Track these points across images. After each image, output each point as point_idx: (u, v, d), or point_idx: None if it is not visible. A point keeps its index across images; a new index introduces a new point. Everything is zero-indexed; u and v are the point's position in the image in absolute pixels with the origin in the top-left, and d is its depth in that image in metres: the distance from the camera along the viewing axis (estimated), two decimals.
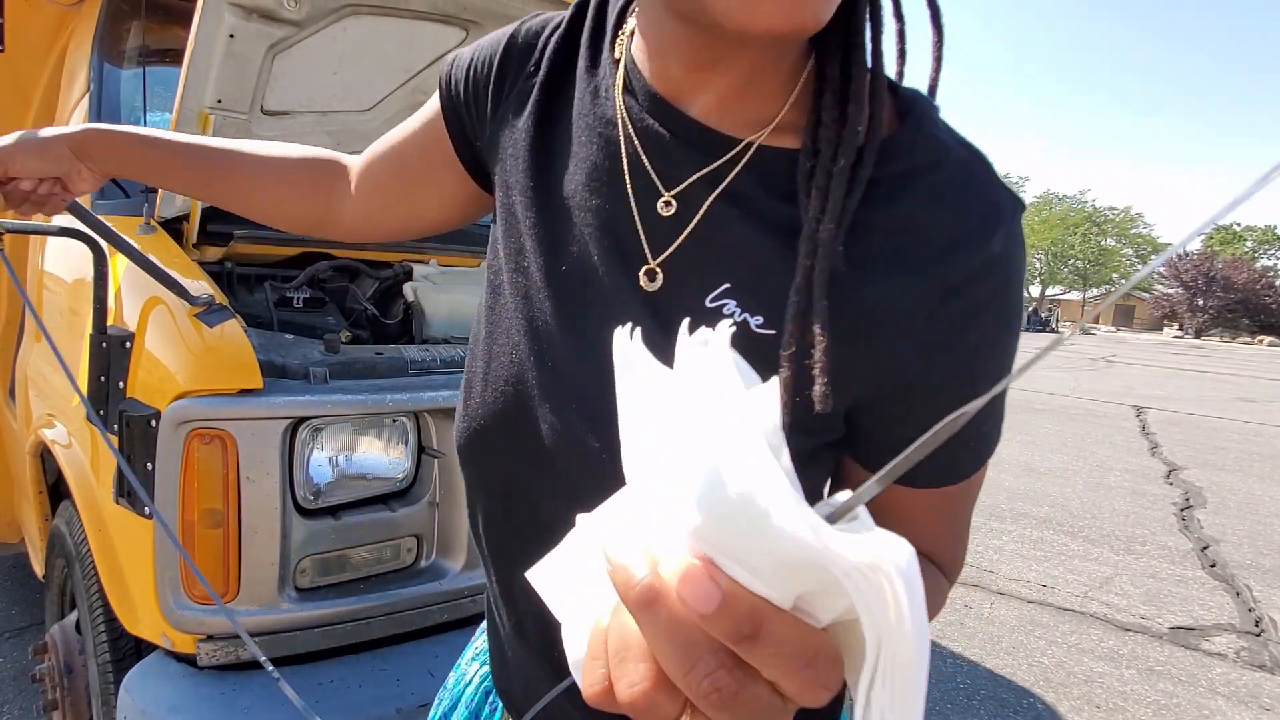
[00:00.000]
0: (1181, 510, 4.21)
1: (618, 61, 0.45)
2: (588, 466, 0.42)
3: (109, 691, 1.14)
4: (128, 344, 1.11)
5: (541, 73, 0.48)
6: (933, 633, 1.89)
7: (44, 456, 1.53)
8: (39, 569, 1.65)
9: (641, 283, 0.42)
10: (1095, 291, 46.63)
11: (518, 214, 0.47)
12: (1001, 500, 4.18)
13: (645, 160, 0.42)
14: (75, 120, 1.66)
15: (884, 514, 0.45)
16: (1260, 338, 34.55)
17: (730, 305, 0.40)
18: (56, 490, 1.56)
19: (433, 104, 0.55)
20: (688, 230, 0.41)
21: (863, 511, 0.22)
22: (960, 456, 0.43)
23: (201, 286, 1.14)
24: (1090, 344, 23.09)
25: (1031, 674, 2.30)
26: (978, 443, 0.43)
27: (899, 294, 0.38)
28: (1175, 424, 7.25)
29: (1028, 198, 47.94)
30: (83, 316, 1.24)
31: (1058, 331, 33.49)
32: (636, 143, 0.43)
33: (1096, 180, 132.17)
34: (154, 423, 1.01)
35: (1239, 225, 46.07)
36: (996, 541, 3.48)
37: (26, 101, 1.97)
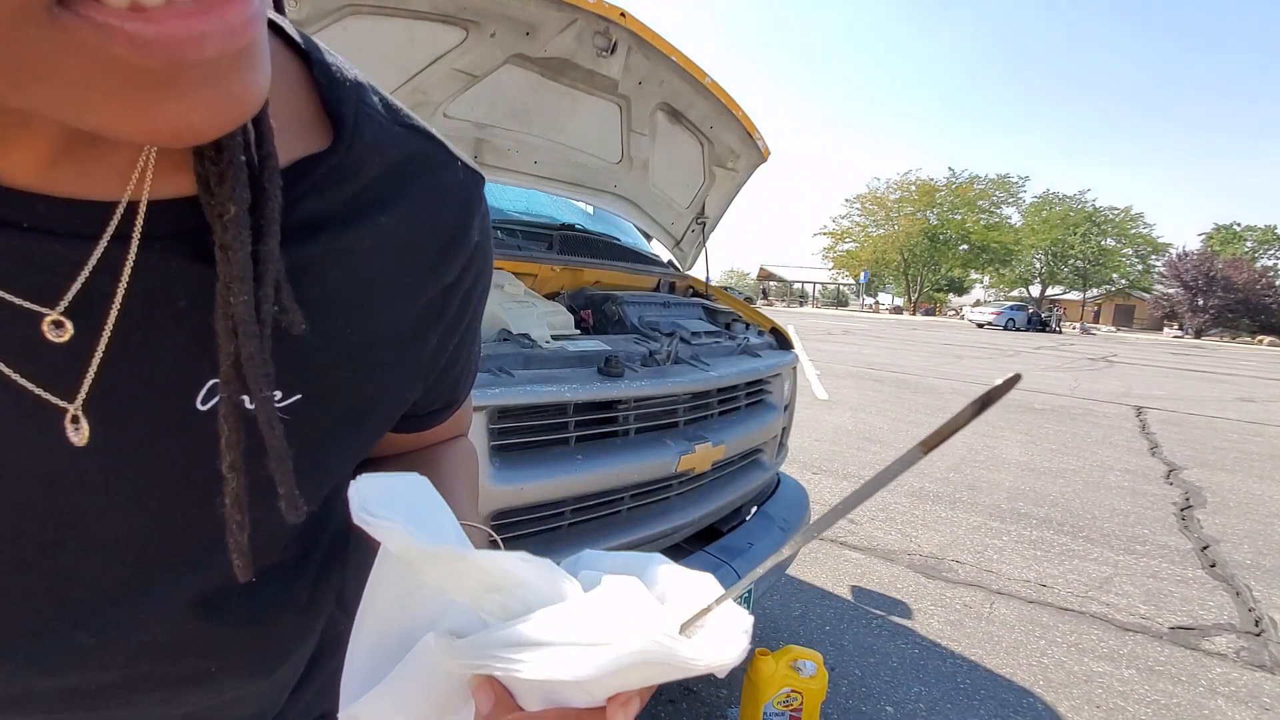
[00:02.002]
0: (1181, 510, 4.21)
1: None
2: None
3: None
4: None
5: None
6: (933, 632, 1.89)
7: None
8: None
9: (69, 437, 0.30)
10: (1095, 291, 46.61)
11: None
12: (1001, 500, 4.18)
13: None
14: None
15: (421, 436, 0.50)
16: (1260, 338, 34.51)
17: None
18: None
19: None
20: (100, 350, 0.29)
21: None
22: (470, 385, 0.51)
23: None
24: (1090, 344, 23.08)
25: (1031, 674, 2.29)
26: (469, 376, 0.51)
27: (410, 312, 0.39)
28: (1175, 424, 7.25)
29: (1028, 198, 48.65)
30: None
31: (1058, 332, 33.49)
32: None
33: (1096, 180, 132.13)
34: None
35: (1239, 225, 46.06)
36: (996, 541, 3.48)
37: None
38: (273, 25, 0.36)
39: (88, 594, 0.34)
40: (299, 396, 0.34)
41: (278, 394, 0.34)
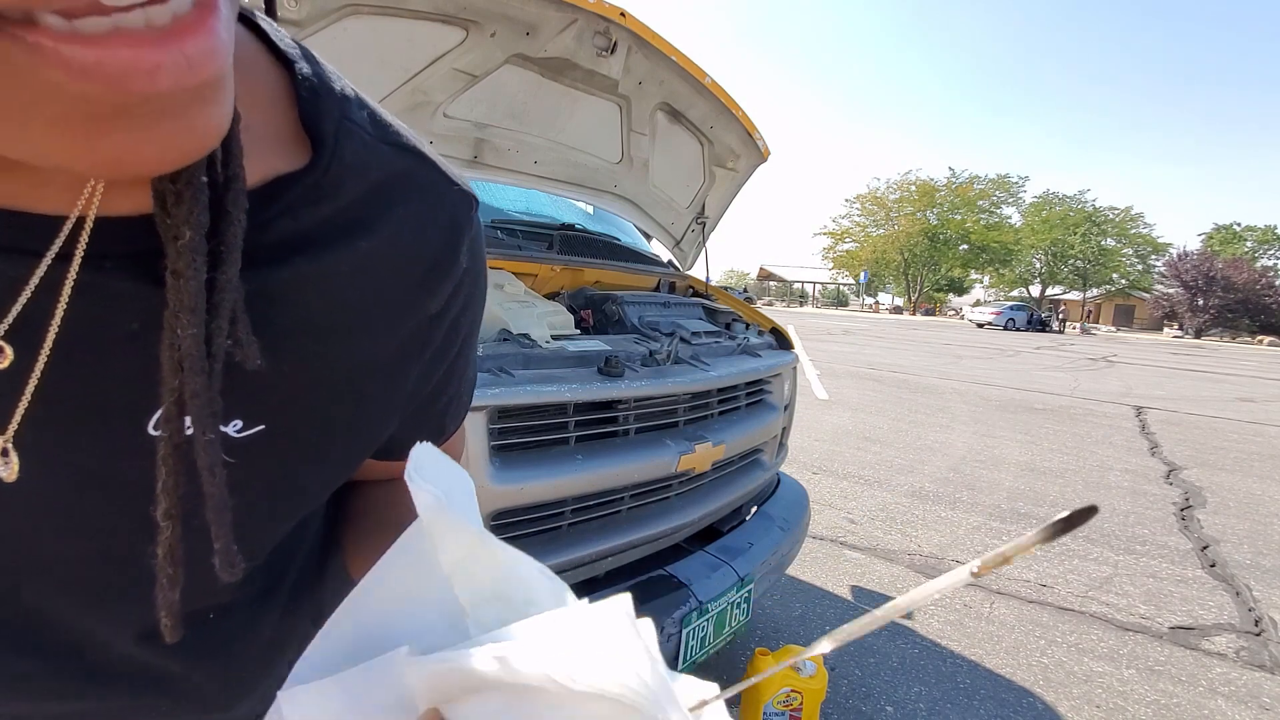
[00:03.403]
0: (1181, 510, 4.21)
1: None
2: None
3: None
4: None
5: None
6: (933, 632, 1.88)
7: None
8: None
9: None
10: (1095, 291, 46.60)
11: None
12: (1001, 500, 4.18)
13: None
14: None
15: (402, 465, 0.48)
16: (1260, 338, 34.49)
17: (188, 422, 0.30)
18: None
19: None
20: (35, 378, 0.27)
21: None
22: (461, 415, 0.48)
23: None
24: (1090, 344, 23.08)
25: (1031, 674, 2.29)
26: (469, 396, 0.48)
27: (390, 340, 0.36)
28: (1175, 424, 7.25)
29: (1028, 198, 48.63)
30: None
31: (1060, 332, 33.49)
32: None
33: (1096, 180, 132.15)
34: None
35: (1239, 225, 46.05)
36: (996, 541, 3.47)
37: None
38: (256, 28, 0.34)
39: (30, 622, 0.32)
40: (262, 428, 0.32)
41: (238, 424, 0.32)
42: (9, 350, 0.27)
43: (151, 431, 0.30)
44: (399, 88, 1.73)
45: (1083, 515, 0.20)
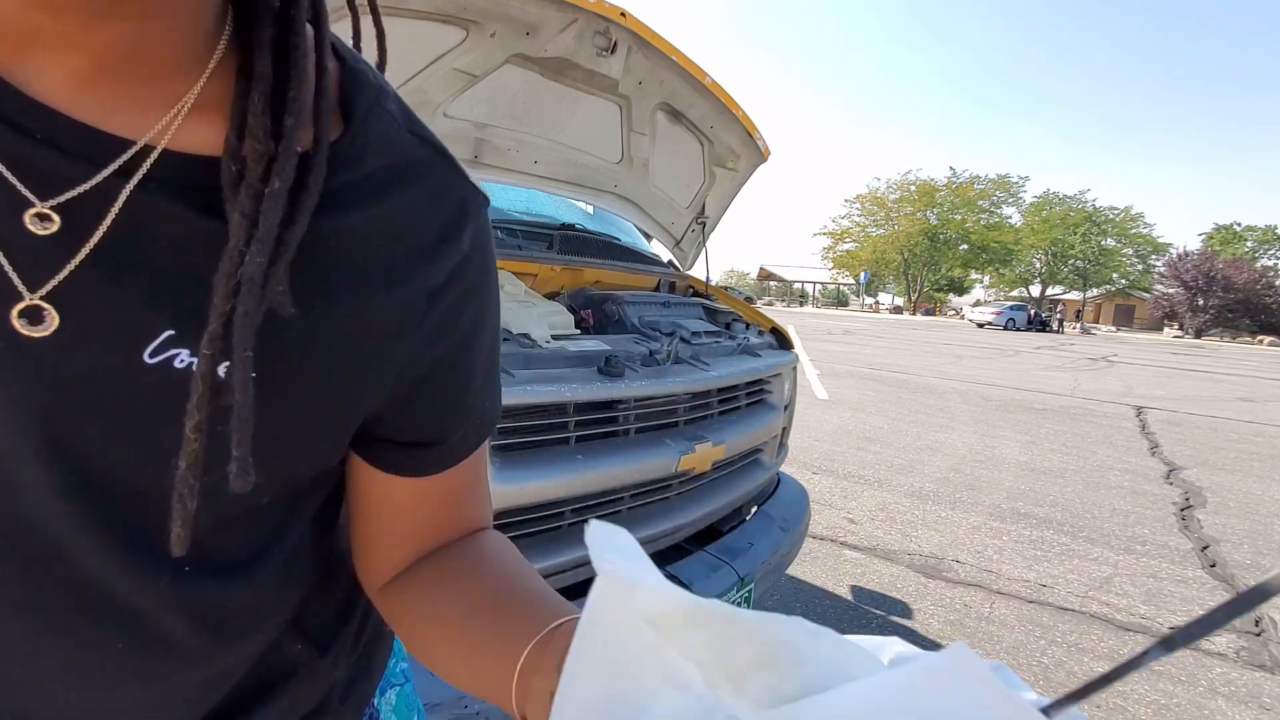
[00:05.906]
0: (1181, 510, 4.21)
1: None
2: None
3: None
4: None
5: None
6: (933, 632, 1.88)
7: None
8: None
9: (16, 326, 0.29)
10: (1095, 291, 46.61)
11: None
12: (1001, 500, 4.18)
13: None
14: None
15: (425, 502, 0.45)
16: (1260, 338, 34.49)
17: (183, 356, 0.32)
18: None
19: None
20: (83, 255, 0.29)
21: None
22: (468, 434, 0.46)
23: None
24: (1090, 344, 23.08)
25: (1031, 674, 2.29)
26: (482, 417, 0.46)
27: (387, 306, 0.37)
28: (1175, 424, 7.25)
29: (1028, 197, 48.63)
30: None
31: (1059, 332, 33.50)
32: None
33: (1096, 180, 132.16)
34: None
35: (1239, 225, 46.06)
36: (996, 541, 3.48)
37: None
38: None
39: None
40: (254, 375, 0.33)
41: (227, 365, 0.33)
42: (56, 219, 0.29)
43: (147, 359, 0.31)
44: (399, 88, 1.72)
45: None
